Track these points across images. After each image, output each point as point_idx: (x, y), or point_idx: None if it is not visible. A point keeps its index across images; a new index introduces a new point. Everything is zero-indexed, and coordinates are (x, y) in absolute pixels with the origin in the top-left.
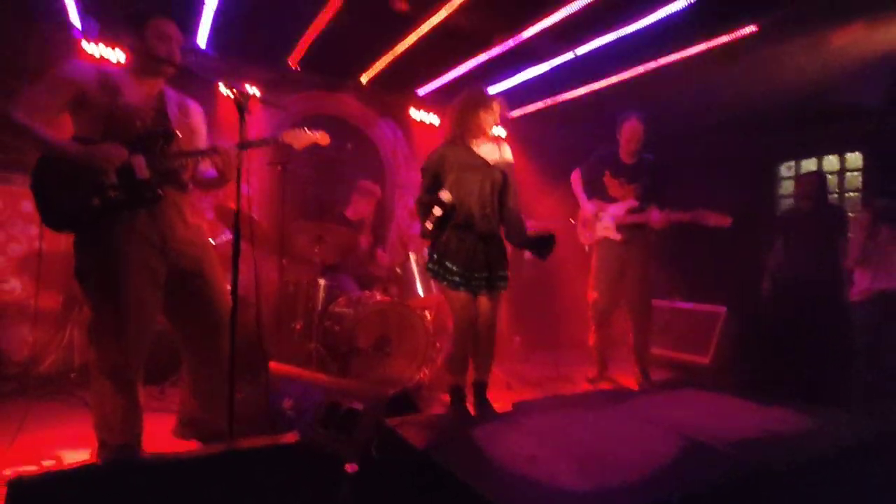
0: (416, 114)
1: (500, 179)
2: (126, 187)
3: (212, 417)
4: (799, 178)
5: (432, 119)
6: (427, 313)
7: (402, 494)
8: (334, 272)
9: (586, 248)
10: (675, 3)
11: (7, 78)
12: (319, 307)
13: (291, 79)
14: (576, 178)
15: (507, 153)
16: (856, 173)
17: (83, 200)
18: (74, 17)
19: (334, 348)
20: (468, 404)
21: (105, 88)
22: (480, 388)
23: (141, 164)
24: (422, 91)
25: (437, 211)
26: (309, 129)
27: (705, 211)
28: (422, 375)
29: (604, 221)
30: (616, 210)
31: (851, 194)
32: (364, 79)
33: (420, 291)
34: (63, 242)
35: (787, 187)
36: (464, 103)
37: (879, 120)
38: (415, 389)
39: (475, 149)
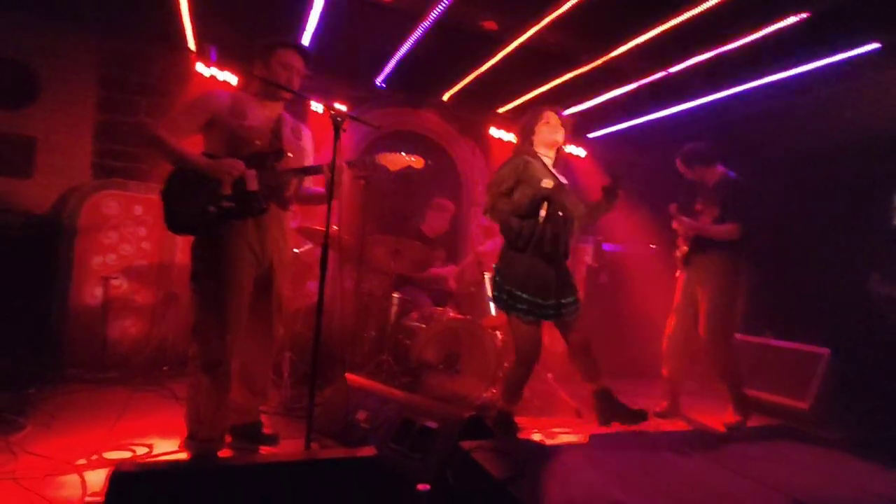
0: (496, 132)
1: (573, 204)
2: (237, 198)
3: (254, 403)
4: None
5: (511, 137)
6: (498, 333)
7: None
8: (409, 286)
9: (676, 273)
10: (786, 18)
11: (133, 96)
12: (392, 320)
13: (376, 95)
14: (674, 210)
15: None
16: None
17: (201, 208)
18: (191, 43)
19: (404, 361)
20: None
21: (234, 112)
22: (607, 394)
23: (252, 178)
24: (502, 109)
25: (544, 210)
26: (406, 153)
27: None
28: (490, 395)
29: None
30: (689, 225)
31: None
32: (446, 96)
33: (493, 310)
34: (165, 246)
35: None
36: (521, 128)
37: None
38: (482, 409)
39: (547, 164)
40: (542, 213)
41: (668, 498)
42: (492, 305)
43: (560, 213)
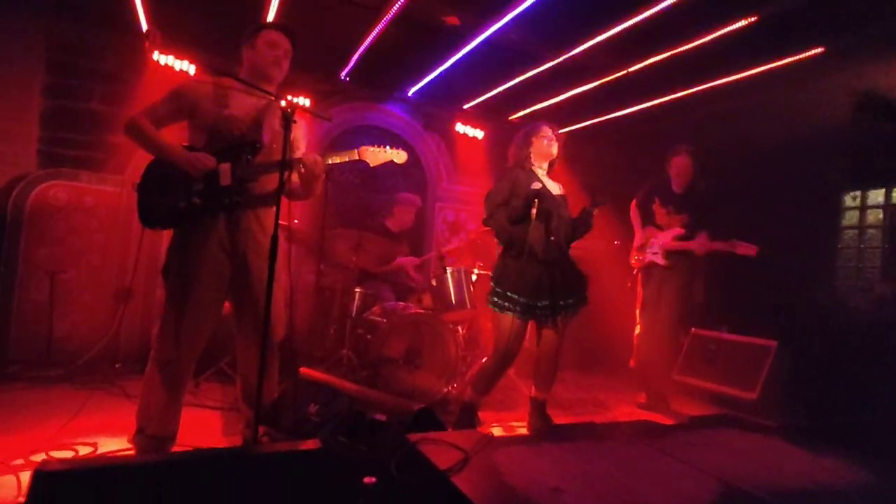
0: (462, 128)
1: (566, 212)
2: (209, 194)
3: (252, 410)
4: None
5: (476, 133)
6: (460, 328)
7: None
8: (371, 280)
9: (634, 272)
10: (737, 22)
11: (85, 82)
12: (354, 314)
13: (341, 90)
14: (633, 207)
15: (561, 189)
16: None
17: (173, 203)
18: (145, 27)
19: (365, 356)
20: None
21: (216, 100)
22: (542, 406)
23: (226, 172)
24: (467, 105)
25: (534, 207)
26: (389, 148)
27: (736, 241)
28: (450, 389)
29: (653, 248)
30: (663, 238)
31: None
32: (411, 92)
33: (454, 305)
34: (120, 239)
35: (851, 218)
36: (518, 140)
37: None
38: (441, 403)
39: (540, 177)
40: (533, 211)
41: (605, 483)
42: (453, 300)
43: (552, 216)
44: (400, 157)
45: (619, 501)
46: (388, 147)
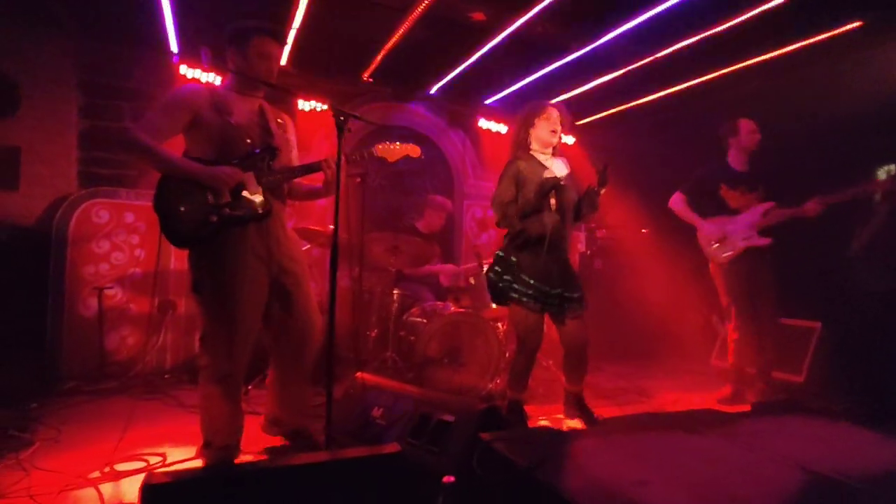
0: (485, 123)
1: (573, 196)
2: (239, 204)
3: (292, 419)
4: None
5: (500, 128)
6: (499, 324)
7: None
8: (407, 282)
9: (726, 266)
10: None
11: (115, 101)
12: (394, 316)
13: (363, 91)
14: (679, 201)
15: (567, 166)
16: None
17: (203, 218)
18: (174, 45)
19: (409, 357)
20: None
21: (216, 109)
22: (579, 398)
23: (251, 182)
24: (490, 100)
25: (553, 199)
26: (401, 143)
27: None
28: (494, 386)
29: (740, 233)
30: (751, 217)
31: None
32: (434, 89)
33: (493, 302)
34: (160, 253)
35: None
36: (521, 118)
37: None
38: (487, 399)
39: (543, 162)
40: (552, 201)
41: (688, 474)
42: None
43: (560, 206)
44: (413, 150)
45: (709, 492)
46: (398, 142)
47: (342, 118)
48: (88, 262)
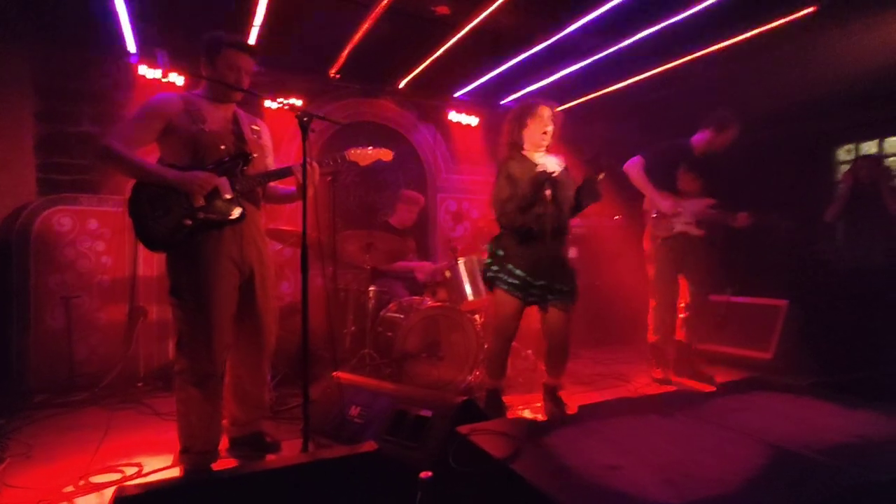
0: (455, 116)
1: (568, 190)
2: (213, 208)
3: (250, 417)
4: (858, 160)
5: (471, 121)
6: (477, 317)
7: (480, 502)
8: (383, 278)
9: (659, 240)
10: None
11: (74, 105)
12: (371, 313)
13: (332, 87)
14: (636, 166)
15: (562, 163)
16: None
17: (177, 222)
18: (132, 46)
19: (387, 353)
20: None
21: (190, 117)
22: (553, 390)
23: (226, 187)
24: (459, 93)
25: (549, 190)
26: (373, 147)
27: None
28: (473, 378)
29: (684, 216)
30: (695, 206)
31: None
32: (402, 84)
33: (469, 295)
34: (126, 259)
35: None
36: (512, 118)
37: None
38: (466, 392)
39: (535, 161)
40: (548, 193)
41: (659, 456)
42: (468, 290)
43: (556, 199)
44: (385, 154)
45: (677, 473)
46: (370, 147)
47: (306, 119)
48: (53, 271)
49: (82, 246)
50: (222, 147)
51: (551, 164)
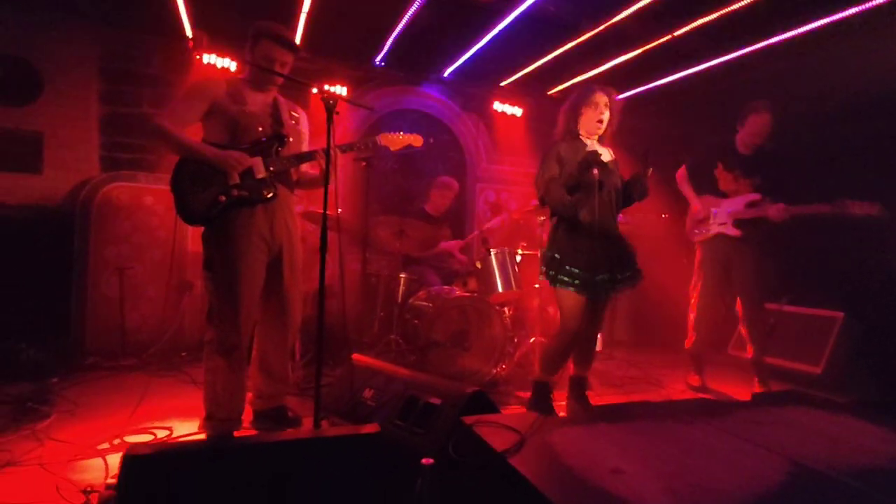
0: (500, 106)
1: (616, 179)
2: (247, 186)
3: (276, 391)
4: None
5: (515, 111)
6: (506, 309)
7: (478, 494)
8: (415, 265)
9: (698, 245)
10: None
11: (135, 88)
12: (400, 299)
13: (376, 75)
14: (682, 175)
15: (612, 154)
16: None
17: (213, 198)
18: (188, 30)
19: (413, 340)
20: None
21: (232, 99)
22: (582, 384)
23: (259, 166)
24: (505, 82)
25: (595, 169)
26: (404, 132)
27: (847, 200)
28: (498, 371)
29: (719, 217)
30: (733, 205)
31: None
32: (447, 73)
33: (499, 287)
34: (177, 234)
35: None
36: (568, 107)
37: None
38: (490, 385)
39: (587, 145)
40: (595, 171)
41: (667, 464)
42: (498, 281)
43: (603, 185)
44: (416, 140)
45: (683, 483)
46: (401, 132)
47: (331, 102)
48: (110, 242)
49: (137, 220)
50: (260, 129)
51: (603, 153)
